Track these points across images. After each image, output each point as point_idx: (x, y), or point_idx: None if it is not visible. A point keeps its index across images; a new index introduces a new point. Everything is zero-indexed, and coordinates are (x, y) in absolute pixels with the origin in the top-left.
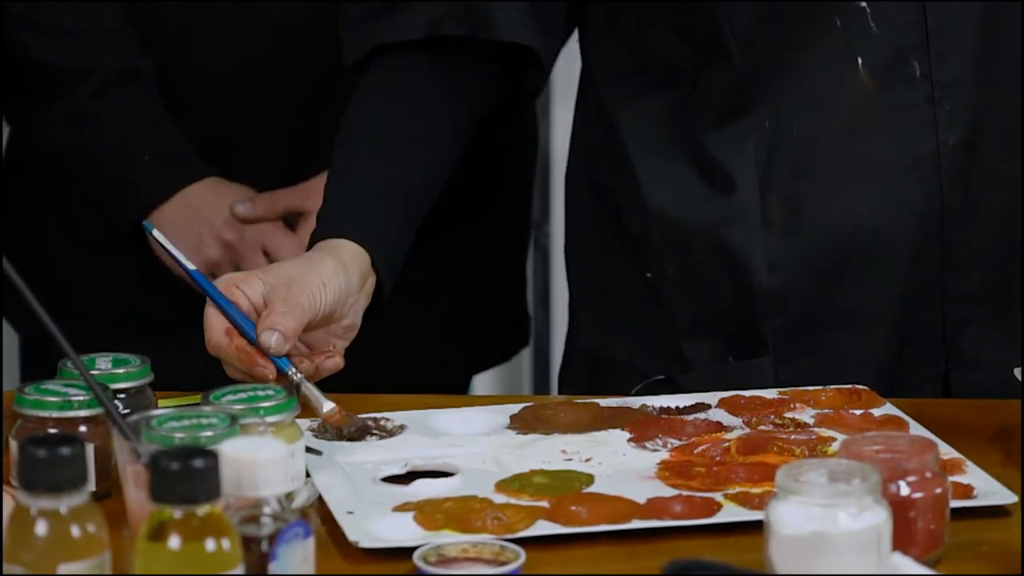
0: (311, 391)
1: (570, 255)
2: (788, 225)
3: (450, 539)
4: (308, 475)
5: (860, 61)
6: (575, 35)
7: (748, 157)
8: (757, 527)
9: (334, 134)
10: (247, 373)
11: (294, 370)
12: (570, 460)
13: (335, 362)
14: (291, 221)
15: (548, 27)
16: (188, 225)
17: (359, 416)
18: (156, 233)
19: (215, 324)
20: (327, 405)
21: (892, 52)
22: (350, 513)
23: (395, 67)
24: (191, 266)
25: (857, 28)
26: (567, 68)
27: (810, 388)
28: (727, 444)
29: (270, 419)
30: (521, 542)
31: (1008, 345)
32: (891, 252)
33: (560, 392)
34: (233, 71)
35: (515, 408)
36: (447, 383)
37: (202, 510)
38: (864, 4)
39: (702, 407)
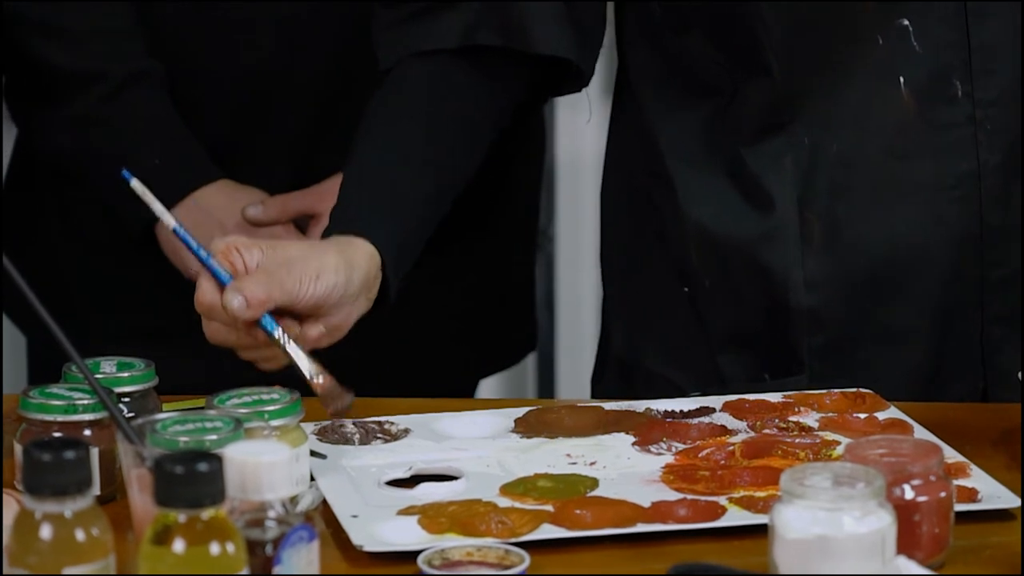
0: (296, 353)
1: (605, 260)
2: (826, 243)
3: (454, 543)
4: (312, 479)
5: (902, 80)
6: None
7: (787, 173)
8: (762, 531)
9: (344, 136)
10: (237, 340)
11: (280, 331)
12: (575, 464)
13: (318, 330)
14: (302, 224)
15: (585, 33)
16: (199, 228)
17: (367, 419)
18: (135, 183)
19: (207, 284)
20: (310, 369)
21: (934, 71)
22: (354, 517)
23: (426, 70)
24: (173, 222)
25: (899, 46)
26: None
27: (814, 392)
28: (731, 448)
29: (274, 423)
30: (526, 546)
31: None
32: (929, 272)
33: (593, 396)
34: (240, 73)
35: (519, 412)
36: (454, 387)
37: (206, 514)
38: (907, 22)
39: (706, 411)
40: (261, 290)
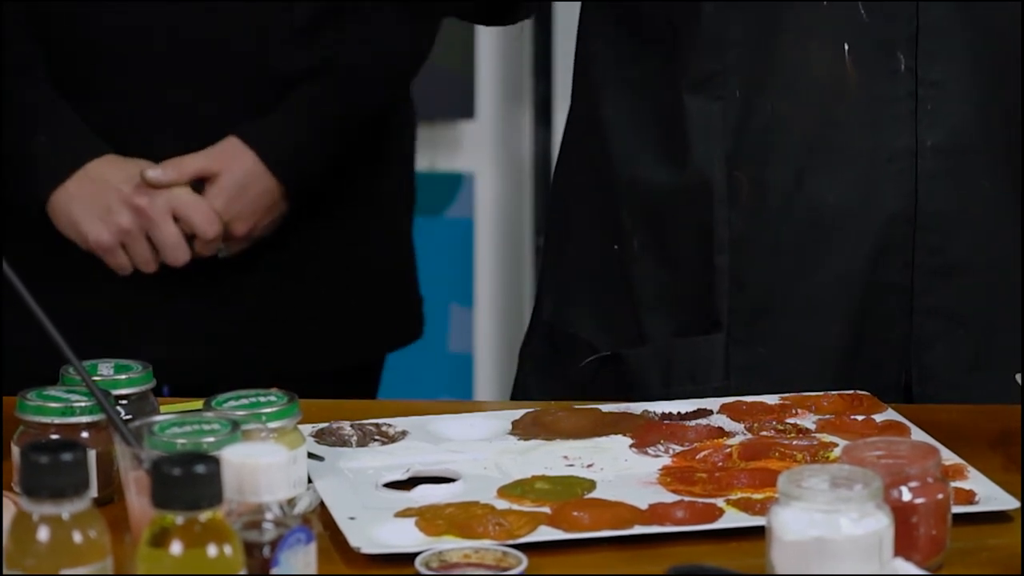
0: None
1: (547, 229)
2: (753, 204)
3: (452, 545)
4: (310, 481)
5: (846, 47)
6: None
7: (717, 130)
8: (759, 533)
9: (234, 116)
10: None
11: None
12: (572, 466)
13: None
14: (196, 186)
15: None
16: (96, 196)
17: (364, 421)
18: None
19: None
20: None
21: (879, 42)
22: (352, 519)
23: None
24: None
25: (846, 12)
26: (568, 72)
27: (812, 394)
28: (729, 450)
29: (272, 425)
30: (523, 548)
31: (976, 371)
32: (855, 247)
33: (520, 367)
34: (126, 55)
35: (517, 414)
36: (338, 366)
37: (204, 516)
38: None
39: (704, 413)
40: None
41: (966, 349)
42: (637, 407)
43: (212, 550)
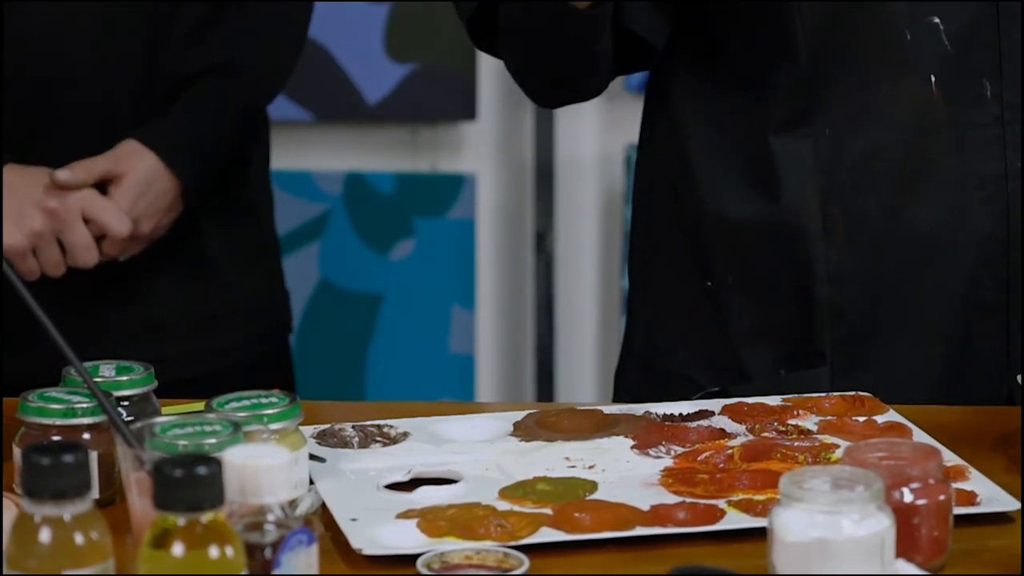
0: None
1: (630, 257)
2: (848, 237)
3: (454, 546)
4: (311, 482)
5: (932, 78)
6: None
7: (809, 167)
8: (761, 534)
9: (127, 118)
10: None
11: None
12: (573, 467)
13: None
14: (99, 189)
15: (664, 20)
16: (7, 202)
17: (366, 423)
18: None
19: None
20: None
21: (963, 70)
22: (353, 520)
23: None
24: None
25: (928, 43)
26: None
27: (813, 395)
28: (730, 451)
29: (273, 426)
30: (525, 549)
31: None
32: (951, 271)
33: (615, 397)
34: (17, 58)
35: (519, 415)
36: (205, 372)
37: (206, 517)
38: (937, 20)
39: (705, 414)
40: None
41: None
42: (639, 408)
43: (214, 551)
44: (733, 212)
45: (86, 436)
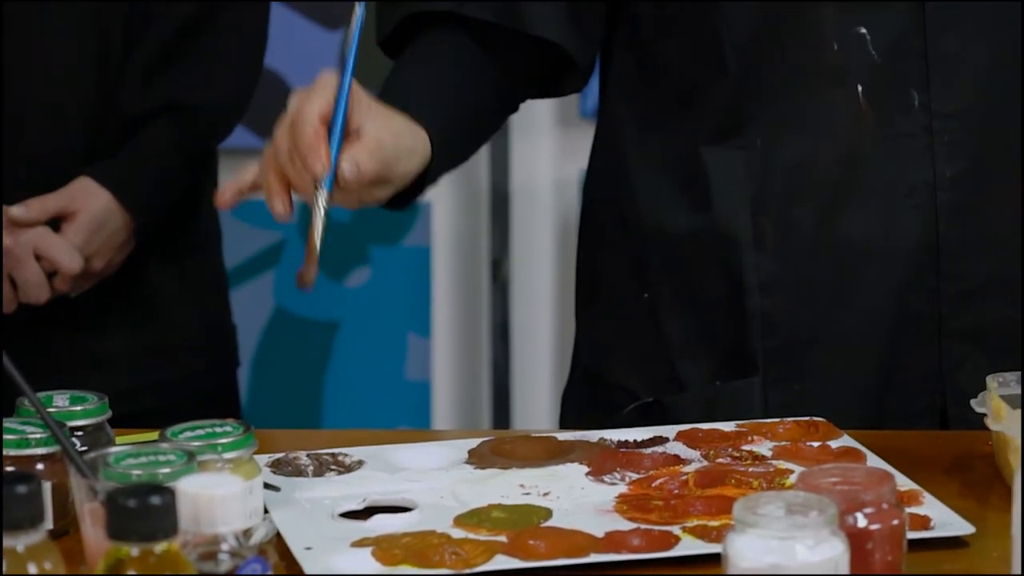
0: (319, 221)
1: (577, 275)
2: (779, 246)
3: (409, 573)
4: (266, 511)
5: (859, 88)
6: None
7: (740, 176)
8: (715, 560)
9: (81, 156)
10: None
11: (325, 196)
12: (528, 494)
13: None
14: (54, 224)
15: (582, 25)
16: None
17: (320, 451)
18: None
19: (314, 106)
20: (318, 238)
21: (891, 80)
22: (308, 549)
23: (432, 40)
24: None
25: (856, 53)
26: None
27: (767, 420)
28: (685, 477)
29: (228, 455)
30: None
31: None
32: (882, 280)
33: (562, 411)
34: None
35: (473, 443)
36: (150, 408)
37: (159, 547)
38: (864, 30)
39: (660, 440)
40: (373, 166)
41: (994, 369)
42: (593, 435)
43: None
44: (668, 223)
45: (40, 466)
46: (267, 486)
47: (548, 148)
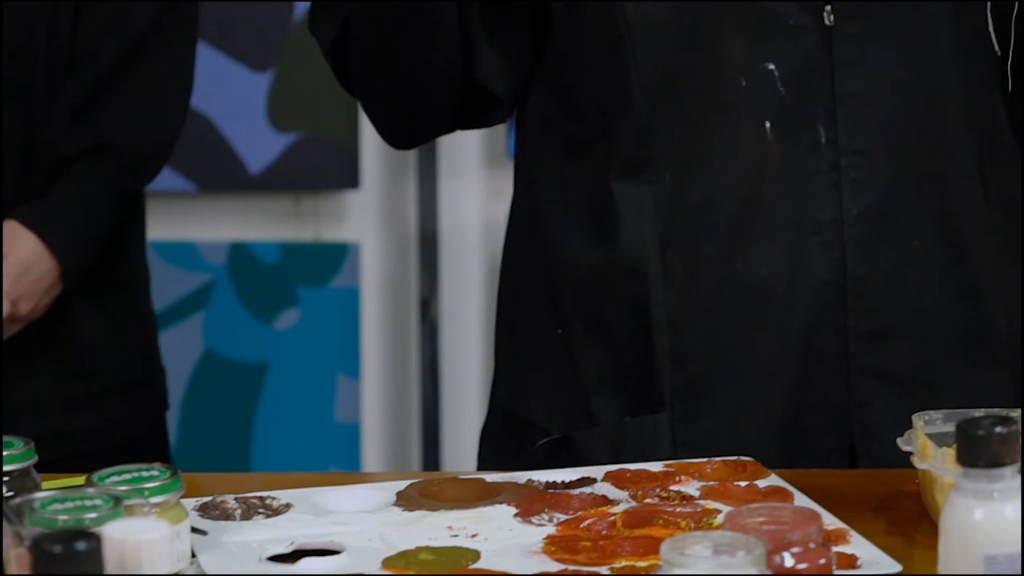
0: None
1: (498, 310)
2: (687, 282)
3: None
4: (193, 555)
5: (767, 124)
6: None
7: (649, 212)
8: None
9: (7, 198)
10: None
11: None
12: (456, 536)
13: None
14: None
15: (509, 61)
16: None
17: (248, 495)
18: None
19: None
20: None
21: (798, 116)
22: None
23: None
24: None
25: (763, 89)
26: (453, 144)
27: (695, 460)
28: (613, 518)
29: (154, 500)
30: None
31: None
32: (789, 317)
33: (480, 448)
34: None
35: (401, 485)
36: (78, 452)
37: None
38: (772, 66)
39: (588, 481)
40: None
41: (904, 407)
42: (522, 476)
43: None
44: (579, 259)
45: None
46: (194, 530)
47: (476, 189)
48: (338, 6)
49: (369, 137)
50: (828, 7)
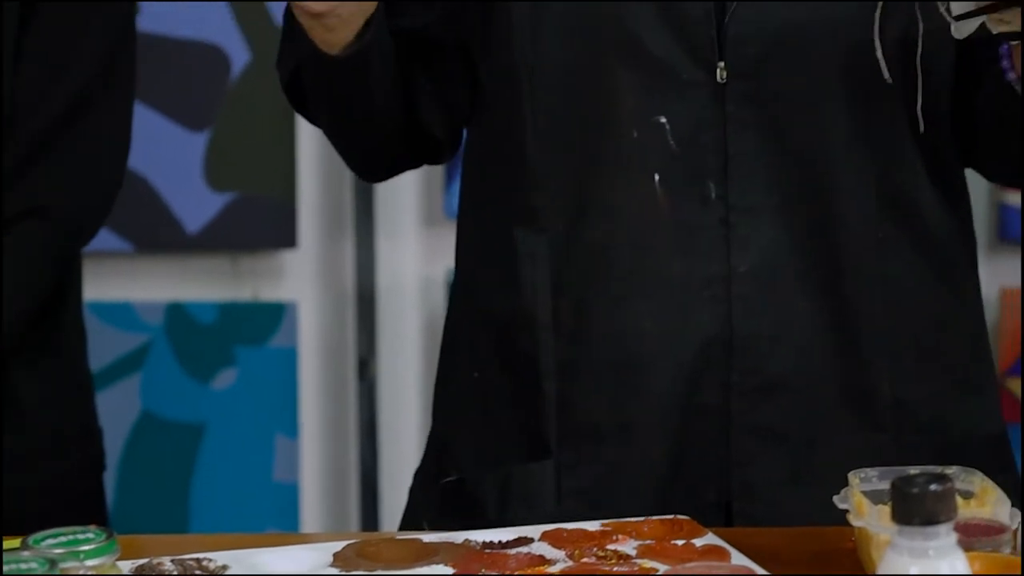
0: None
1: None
2: (576, 331)
3: None
4: None
5: (656, 177)
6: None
7: (544, 259)
8: None
9: None
10: None
11: None
12: None
13: None
14: None
15: (450, 110)
16: None
17: (185, 556)
18: None
19: None
20: None
21: (688, 171)
22: None
23: None
24: None
25: (654, 143)
26: (390, 202)
27: (632, 520)
28: None
29: (90, 563)
30: None
31: (794, 487)
32: (674, 370)
33: (407, 506)
34: None
35: (338, 545)
36: (14, 514)
37: None
38: (664, 120)
39: (525, 541)
40: None
41: (784, 466)
42: (459, 536)
43: None
44: (489, 305)
45: None
46: None
47: (413, 247)
48: (298, 46)
49: (306, 196)
50: (721, 63)
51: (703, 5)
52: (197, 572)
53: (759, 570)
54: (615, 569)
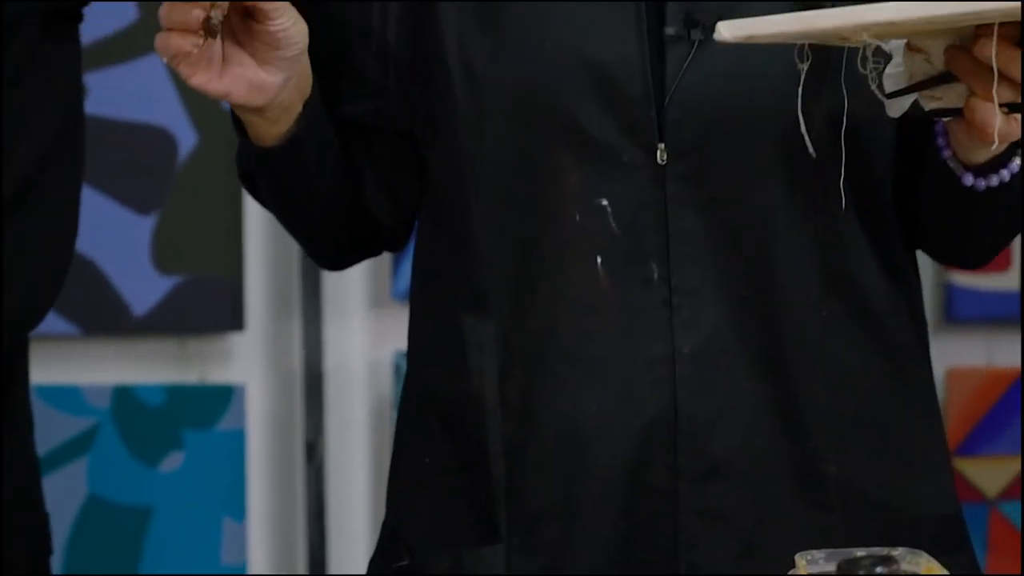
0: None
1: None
2: (522, 414)
3: None
4: None
5: (598, 259)
6: None
7: (490, 343)
8: None
9: None
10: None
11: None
12: None
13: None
14: None
15: (399, 198)
16: None
17: None
18: None
19: None
20: None
21: (631, 253)
22: None
23: None
24: None
25: (596, 225)
26: (338, 284)
27: None
28: None
29: None
30: None
31: (748, 568)
32: (619, 452)
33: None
34: None
35: None
36: None
37: None
38: (605, 202)
39: None
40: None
41: (731, 548)
42: None
43: None
44: (436, 390)
45: None
46: None
47: (361, 329)
48: (245, 141)
49: (254, 278)
50: (661, 145)
51: (642, 87)
52: None
53: None
54: None
